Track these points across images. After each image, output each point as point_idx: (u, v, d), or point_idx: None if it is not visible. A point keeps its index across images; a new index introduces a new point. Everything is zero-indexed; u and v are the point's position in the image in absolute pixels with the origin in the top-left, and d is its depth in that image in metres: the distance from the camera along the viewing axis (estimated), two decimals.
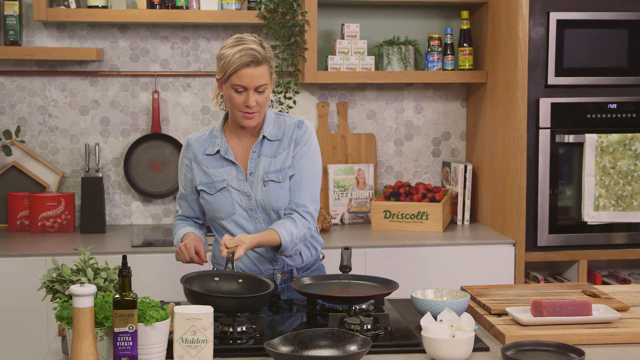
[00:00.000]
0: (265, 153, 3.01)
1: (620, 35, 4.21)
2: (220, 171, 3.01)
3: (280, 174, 2.99)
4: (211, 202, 3.01)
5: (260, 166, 2.99)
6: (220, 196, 3.00)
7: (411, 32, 4.71)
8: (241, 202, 2.99)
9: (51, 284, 2.41)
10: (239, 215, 3.00)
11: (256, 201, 2.99)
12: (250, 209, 3.00)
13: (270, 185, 2.98)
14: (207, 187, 3.02)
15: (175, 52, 4.59)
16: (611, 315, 2.61)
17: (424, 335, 2.35)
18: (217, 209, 3.01)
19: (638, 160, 4.18)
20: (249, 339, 2.50)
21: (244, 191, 2.99)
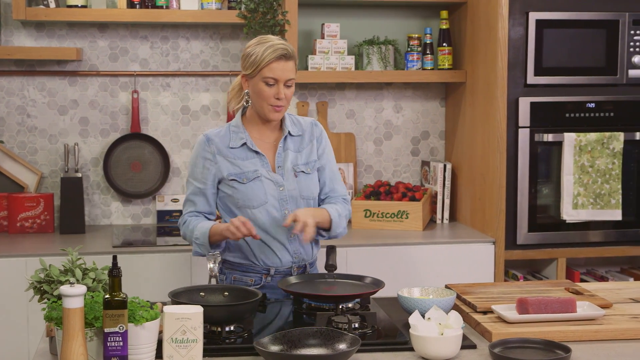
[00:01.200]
0: (290, 148, 3.15)
1: (598, 35, 4.25)
2: (247, 163, 3.10)
3: (308, 166, 3.15)
4: (243, 192, 3.07)
5: (288, 160, 3.12)
6: (253, 185, 3.07)
7: (391, 32, 4.73)
8: (273, 192, 3.08)
9: (39, 284, 2.39)
10: (270, 205, 3.07)
11: (288, 191, 3.09)
12: (281, 199, 3.09)
13: (301, 176, 3.12)
14: (239, 177, 3.08)
15: (154, 52, 4.57)
16: (595, 312, 2.64)
17: (412, 333, 2.37)
18: (250, 198, 3.07)
19: (616, 158, 4.22)
20: (238, 338, 2.50)
21: (276, 181, 3.09)
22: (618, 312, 2.71)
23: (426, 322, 2.39)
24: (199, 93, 4.63)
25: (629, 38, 4.26)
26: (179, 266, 3.98)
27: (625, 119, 4.29)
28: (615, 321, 2.62)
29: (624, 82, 4.28)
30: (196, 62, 4.61)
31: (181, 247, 4.03)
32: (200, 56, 4.61)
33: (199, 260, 3.95)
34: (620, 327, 2.56)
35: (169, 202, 4.58)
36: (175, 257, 3.99)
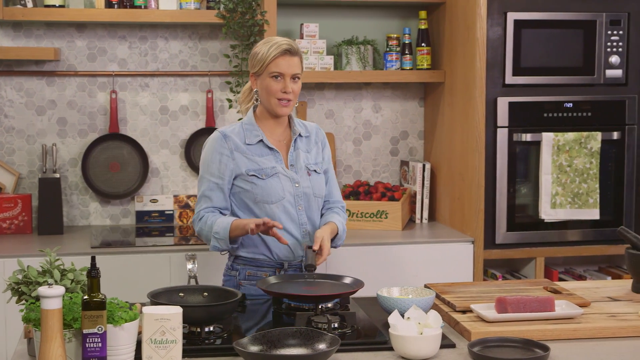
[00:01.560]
0: (301, 148, 3.24)
1: (576, 35, 4.27)
2: (263, 159, 3.17)
3: (317, 166, 3.25)
4: (262, 187, 3.13)
5: (300, 159, 3.21)
6: (271, 181, 3.13)
7: (370, 32, 4.73)
8: (289, 189, 3.16)
9: (17, 285, 2.38)
10: (286, 201, 3.15)
11: (303, 188, 3.18)
12: (296, 195, 3.17)
13: (313, 175, 3.22)
14: (258, 172, 3.15)
15: (133, 52, 4.56)
16: (573, 311, 2.65)
17: (392, 332, 2.37)
18: (269, 193, 3.13)
19: (593, 158, 4.24)
20: (217, 338, 2.50)
21: (292, 178, 3.17)
22: (596, 311, 2.73)
23: (405, 322, 2.39)
24: (178, 93, 4.61)
25: (606, 38, 4.28)
26: (158, 267, 3.97)
27: (602, 119, 4.32)
28: (593, 320, 2.63)
29: (601, 82, 4.31)
30: (175, 62, 4.60)
31: (160, 248, 4.02)
32: (179, 56, 4.60)
33: (178, 261, 3.94)
34: (598, 325, 2.57)
35: (148, 202, 4.57)
36: (154, 257, 3.98)
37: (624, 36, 4.30)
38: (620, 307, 2.78)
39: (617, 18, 4.29)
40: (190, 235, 4.36)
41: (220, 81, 4.64)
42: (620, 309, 2.76)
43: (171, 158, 4.63)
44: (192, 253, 2.87)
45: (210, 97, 4.58)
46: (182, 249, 4.02)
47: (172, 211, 4.60)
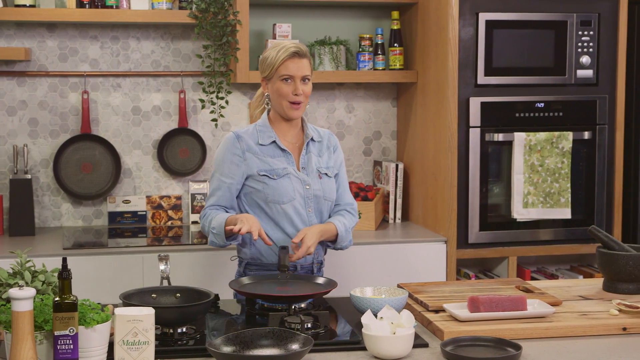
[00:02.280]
0: (312, 151, 3.27)
1: (547, 35, 4.30)
2: (275, 160, 3.20)
3: (329, 170, 3.28)
4: (274, 187, 3.16)
5: (312, 162, 3.24)
6: (283, 182, 3.17)
7: (342, 32, 4.74)
8: (300, 190, 3.19)
9: None
10: (297, 202, 3.18)
11: (313, 190, 3.20)
12: (307, 197, 3.20)
13: (324, 178, 3.25)
14: (269, 173, 3.18)
15: (105, 52, 4.54)
16: (545, 309, 2.67)
17: (364, 332, 2.37)
18: (280, 193, 3.16)
19: (565, 158, 4.27)
20: (190, 339, 2.49)
21: (303, 179, 3.20)
22: (568, 310, 2.75)
23: (378, 322, 2.39)
24: (150, 93, 4.60)
25: (577, 39, 4.31)
26: (130, 268, 3.96)
27: (573, 119, 4.34)
28: (564, 318, 2.65)
29: (572, 82, 4.34)
30: (147, 63, 4.58)
31: (133, 249, 4.00)
32: (151, 56, 4.58)
33: (151, 262, 3.93)
34: (570, 324, 2.59)
35: (120, 203, 4.55)
36: (127, 258, 3.96)
37: (594, 37, 4.33)
38: (591, 305, 2.80)
39: (588, 19, 4.32)
40: (163, 236, 4.35)
41: (192, 81, 4.62)
42: (591, 307, 2.78)
43: (144, 159, 4.61)
44: (165, 254, 2.85)
45: (182, 98, 4.57)
46: (155, 249, 4.01)
47: (144, 212, 4.58)
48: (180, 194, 4.64)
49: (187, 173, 4.63)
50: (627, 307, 2.69)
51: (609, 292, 2.98)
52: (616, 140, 4.40)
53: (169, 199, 4.61)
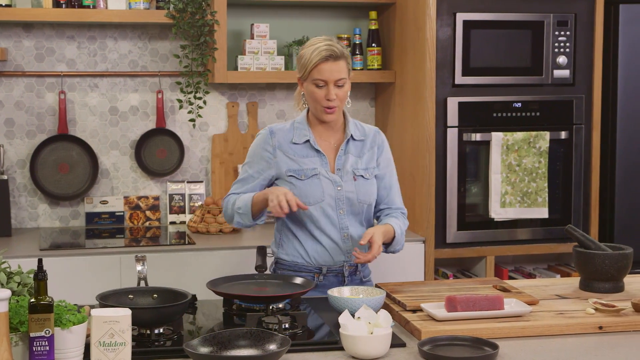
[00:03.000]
0: (351, 152, 3.16)
1: (524, 36, 4.32)
2: (307, 160, 3.13)
3: (367, 171, 3.16)
4: (301, 188, 3.10)
5: (348, 163, 3.14)
6: (310, 183, 3.10)
7: (320, 32, 4.73)
8: (330, 191, 3.11)
9: None
10: (326, 203, 3.11)
11: (345, 192, 3.12)
12: (338, 199, 3.12)
13: (360, 180, 3.14)
14: (297, 173, 3.11)
15: (82, 52, 4.52)
16: (522, 309, 2.67)
17: (342, 332, 2.37)
18: (307, 195, 3.10)
19: (542, 157, 4.29)
20: (167, 340, 2.48)
21: (335, 181, 3.12)
22: (544, 309, 2.76)
23: (356, 322, 2.39)
24: (128, 94, 4.58)
25: (554, 39, 4.33)
26: (108, 269, 3.94)
27: (550, 119, 4.36)
28: (541, 317, 2.66)
29: (549, 82, 4.36)
30: (124, 63, 4.56)
31: (110, 250, 3.99)
32: (128, 56, 4.57)
33: (128, 263, 3.91)
34: (546, 323, 2.60)
35: (97, 204, 4.53)
36: (104, 259, 3.95)
37: (571, 37, 4.35)
38: (568, 304, 2.82)
39: (564, 19, 4.34)
40: (140, 236, 4.33)
41: (170, 81, 4.61)
42: (568, 306, 2.79)
43: (121, 159, 4.59)
44: (142, 255, 2.84)
45: (160, 98, 4.55)
46: (133, 250, 3.99)
47: (122, 212, 4.56)
48: (158, 195, 4.63)
49: (165, 173, 4.61)
50: (603, 306, 2.70)
51: (586, 291, 3.00)
52: (593, 140, 4.43)
53: (147, 200, 4.60)
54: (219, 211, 4.36)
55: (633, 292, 2.99)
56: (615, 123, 4.46)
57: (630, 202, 4.48)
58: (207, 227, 4.32)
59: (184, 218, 4.61)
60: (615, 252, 2.99)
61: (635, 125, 4.45)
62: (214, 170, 4.66)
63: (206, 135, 4.68)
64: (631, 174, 4.47)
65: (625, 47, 4.42)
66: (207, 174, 4.70)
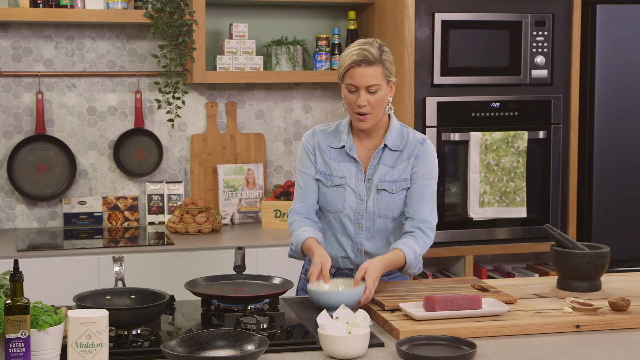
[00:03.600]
0: (384, 161, 3.03)
1: (502, 36, 4.33)
2: (342, 166, 3.05)
3: (394, 185, 3.02)
4: (324, 193, 3.06)
5: (377, 173, 3.03)
6: (334, 191, 3.04)
7: (299, 32, 4.74)
8: (352, 204, 3.03)
9: None
10: (345, 215, 3.04)
11: (367, 207, 3.03)
12: (358, 212, 3.03)
13: (382, 194, 3.02)
14: (325, 178, 3.06)
15: (59, 52, 4.49)
16: (500, 308, 2.68)
17: (320, 332, 2.37)
18: (328, 202, 3.06)
19: (520, 157, 4.31)
20: (145, 341, 2.47)
21: (359, 193, 3.03)
22: (522, 308, 2.77)
23: (334, 322, 2.39)
24: (106, 94, 4.56)
25: (532, 39, 4.35)
26: (86, 269, 3.92)
27: (529, 118, 4.38)
28: (519, 316, 2.66)
29: (527, 82, 4.38)
30: (102, 63, 4.55)
31: (89, 250, 3.97)
32: (106, 56, 4.55)
33: (107, 263, 3.89)
34: (524, 322, 2.61)
35: (76, 204, 4.51)
36: (83, 260, 3.93)
37: (549, 37, 4.37)
38: (545, 303, 2.82)
39: (542, 19, 4.36)
40: (119, 237, 4.32)
41: (149, 81, 4.60)
42: (545, 305, 2.80)
43: (99, 159, 4.57)
44: (119, 255, 2.83)
45: (139, 98, 4.54)
46: (111, 251, 3.98)
47: (100, 213, 4.55)
48: (137, 195, 4.61)
49: (143, 174, 4.60)
50: (580, 305, 2.71)
51: (563, 290, 3.01)
52: (570, 140, 4.45)
53: (126, 200, 4.58)
54: (197, 211, 4.35)
55: (610, 291, 3.00)
56: (592, 122, 4.48)
57: (608, 201, 4.51)
58: (186, 227, 4.31)
59: (163, 218, 4.60)
60: (593, 251, 3.00)
61: (612, 125, 4.48)
62: (192, 171, 4.65)
63: (185, 136, 4.67)
64: (609, 173, 4.49)
65: (602, 47, 4.45)
66: (186, 174, 4.69)
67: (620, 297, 2.79)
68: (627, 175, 4.50)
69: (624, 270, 4.15)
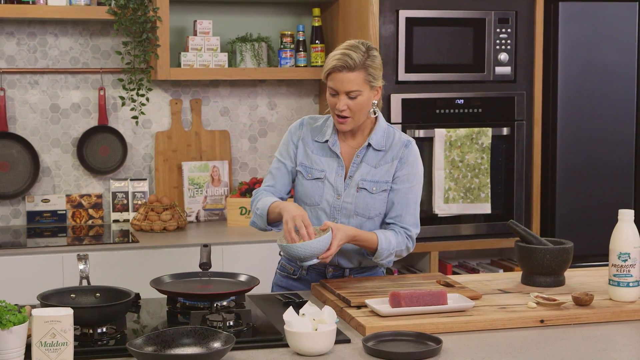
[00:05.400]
0: (367, 161, 3.03)
1: (466, 33, 4.36)
2: (323, 160, 3.05)
3: (375, 185, 3.01)
4: (303, 185, 3.06)
5: (358, 172, 3.02)
6: (313, 184, 3.04)
7: (264, 29, 4.73)
8: (329, 198, 3.03)
9: None
10: (321, 209, 3.03)
11: (344, 202, 3.02)
12: (334, 207, 3.03)
13: (362, 193, 3.01)
14: (305, 170, 3.05)
15: (21, 49, 4.45)
16: (465, 303, 2.70)
17: (286, 329, 2.37)
18: (306, 195, 3.05)
19: (484, 153, 4.33)
20: (110, 339, 2.46)
21: (337, 188, 3.03)
22: (487, 303, 2.78)
23: (300, 318, 2.40)
24: (69, 91, 4.53)
25: (495, 36, 4.38)
26: (50, 268, 3.89)
27: (492, 115, 4.41)
28: (484, 312, 2.68)
29: (491, 79, 4.40)
30: (65, 59, 4.51)
31: (53, 249, 3.94)
32: (69, 53, 4.51)
33: (71, 262, 3.87)
34: (489, 317, 2.62)
35: (39, 202, 4.47)
36: (47, 258, 3.90)
37: (512, 34, 4.40)
38: (510, 299, 2.84)
39: (506, 16, 4.39)
40: (83, 235, 4.29)
41: (112, 78, 4.57)
42: (510, 300, 2.82)
43: (63, 157, 4.54)
44: (84, 253, 2.81)
45: (102, 95, 4.51)
46: (75, 249, 3.95)
47: (64, 211, 4.51)
48: (101, 192, 4.58)
49: (107, 171, 4.57)
50: (544, 300, 2.74)
51: (527, 285, 3.03)
52: (534, 136, 4.48)
53: (90, 198, 4.55)
54: (162, 209, 4.33)
55: (574, 285, 3.03)
56: (555, 119, 4.52)
57: (571, 197, 4.55)
58: (151, 225, 4.29)
59: (128, 216, 4.57)
60: (556, 246, 3.03)
61: (575, 121, 4.52)
62: (157, 168, 4.63)
63: (149, 133, 4.65)
64: (572, 169, 4.53)
65: (565, 44, 4.48)
66: (150, 172, 4.67)
67: (584, 291, 2.82)
68: (589, 172, 4.55)
69: (587, 266, 4.20)
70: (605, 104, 4.54)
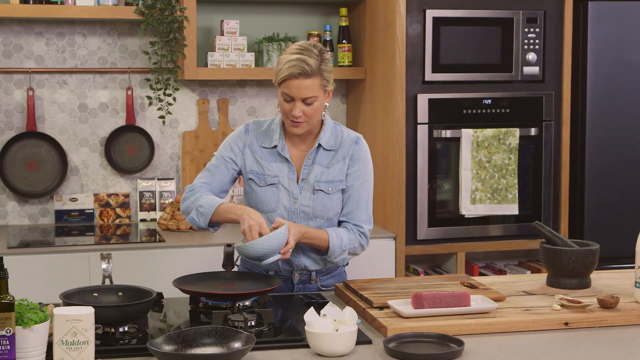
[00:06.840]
0: (319, 161, 3.02)
1: (494, 32, 4.33)
2: (274, 166, 3.02)
3: (330, 185, 3.01)
4: (257, 193, 3.01)
5: (312, 174, 3.01)
6: (267, 190, 3.00)
7: (291, 29, 4.73)
8: (285, 203, 3.00)
9: None
10: (278, 214, 2.99)
11: (301, 206, 3.00)
12: (292, 211, 3.00)
13: (319, 194, 3.00)
14: (258, 177, 3.01)
15: (50, 49, 4.48)
16: (489, 305, 2.68)
17: (307, 330, 2.37)
18: (262, 202, 3.01)
19: (512, 154, 4.30)
20: (132, 339, 2.47)
21: (292, 192, 3.00)
22: (511, 305, 2.76)
23: (321, 319, 2.39)
24: (97, 90, 4.55)
25: (523, 36, 4.34)
26: (77, 267, 3.92)
27: (520, 115, 4.38)
28: (507, 314, 2.66)
29: (519, 79, 4.37)
30: (94, 59, 4.54)
31: (80, 247, 3.96)
32: (97, 53, 4.54)
33: (98, 261, 3.88)
34: (512, 319, 2.60)
35: (67, 201, 4.50)
36: (74, 257, 3.92)
37: (540, 34, 4.37)
38: (534, 301, 2.82)
39: (534, 16, 4.35)
40: (110, 234, 4.31)
41: (140, 78, 4.59)
42: (534, 302, 2.80)
43: (91, 156, 4.56)
44: (107, 252, 2.82)
45: (130, 95, 4.53)
46: (102, 248, 3.97)
47: (92, 210, 4.54)
48: (129, 192, 4.60)
49: (135, 170, 4.59)
50: (569, 302, 2.71)
51: (552, 287, 3.01)
52: (562, 137, 4.45)
53: (117, 197, 4.57)
54: None
55: (599, 288, 3.00)
56: (584, 119, 4.48)
57: (600, 199, 4.50)
58: (178, 224, 4.31)
59: (155, 215, 4.59)
60: (582, 248, 3.00)
61: (604, 122, 4.48)
62: (184, 167, 4.64)
63: (176, 132, 4.66)
64: (600, 170, 4.49)
65: (594, 44, 4.44)
66: (177, 171, 4.68)
67: (610, 294, 2.79)
68: (618, 172, 4.50)
69: (616, 268, 4.17)
70: (635, 104, 4.49)
